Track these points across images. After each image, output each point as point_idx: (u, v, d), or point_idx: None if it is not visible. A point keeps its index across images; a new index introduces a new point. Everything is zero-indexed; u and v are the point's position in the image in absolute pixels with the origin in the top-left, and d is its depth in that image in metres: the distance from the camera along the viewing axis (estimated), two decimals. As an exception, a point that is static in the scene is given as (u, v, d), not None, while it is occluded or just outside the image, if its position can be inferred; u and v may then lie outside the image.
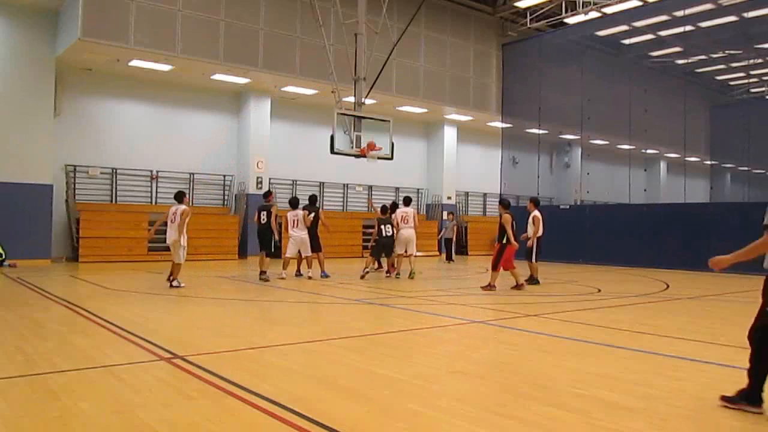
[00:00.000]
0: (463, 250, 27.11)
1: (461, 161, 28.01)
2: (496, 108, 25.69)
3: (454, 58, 24.83)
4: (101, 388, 4.74)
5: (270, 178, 22.26)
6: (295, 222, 14.28)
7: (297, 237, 14.26)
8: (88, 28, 16.32)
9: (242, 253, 21.31)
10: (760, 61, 29.37)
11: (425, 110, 24.98)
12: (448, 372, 5.45)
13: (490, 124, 26.92)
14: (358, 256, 23.36)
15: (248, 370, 5.31)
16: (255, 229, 14.93)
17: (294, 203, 14.90)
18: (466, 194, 29.20)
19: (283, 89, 21.42)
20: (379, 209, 16.13)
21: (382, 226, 14.52)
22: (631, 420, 4.08)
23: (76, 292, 11.65)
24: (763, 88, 33.95)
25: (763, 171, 39.23)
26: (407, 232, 14.62)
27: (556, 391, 4.79)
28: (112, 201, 19.80)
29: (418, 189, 27.49)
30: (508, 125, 25.85)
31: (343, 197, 25.21)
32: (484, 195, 29.69)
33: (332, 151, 16.22)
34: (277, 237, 14.36)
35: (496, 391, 4.88)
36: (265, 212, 14.31)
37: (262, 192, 21.60)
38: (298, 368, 5.50)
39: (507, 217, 12.01)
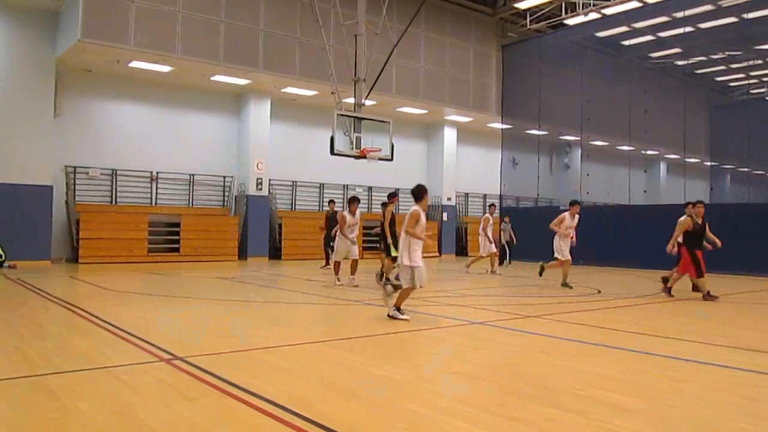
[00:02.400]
0: (462, 251, 27.13)
1: (461, 162, 28.02)
2: (496, 109, 25.69)
3: (453, 59, 24.84)
4: (101, 388, 4.74)
5: (270, 179, 22.26)
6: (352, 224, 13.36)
7: (350, 240, 13.27)
8: (88, 30, 16.32)
9: (242, 254, 21.31)
10: (759, 62, 29.38)
11: (425, 111, 24.99)
12: (448, 373, 5.45)
13: (489, 125, 26.92)
14: (359, 256, 23.31)
15: (248, 371, 5.31)
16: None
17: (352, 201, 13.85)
18: (466, 195, 29.20)
19: (283, 90, 21.43)
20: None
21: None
22: (630, 420, 4.07)
23: (76, 293, 11.64)
24: (763, 89, 33.96)
25: (764, 172, 39.23)
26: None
27: (555, 392, 4.79)
28: (112, 202, 19.80)
29: (417, 190, 27.48)
30: (508, 126, 25.85)
31: (344, 198, 25.21)
32: (484, 196, 29.67)
33: (332, 152, 16.23)
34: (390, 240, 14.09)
35: (496, 392, 4.87)
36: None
37: (261, 193, 21.70)
38: (298, 369, 5.49)
39: (687, 221, 11.38)
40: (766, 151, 35.18)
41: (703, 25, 24.16)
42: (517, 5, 24.36)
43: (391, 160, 17.46)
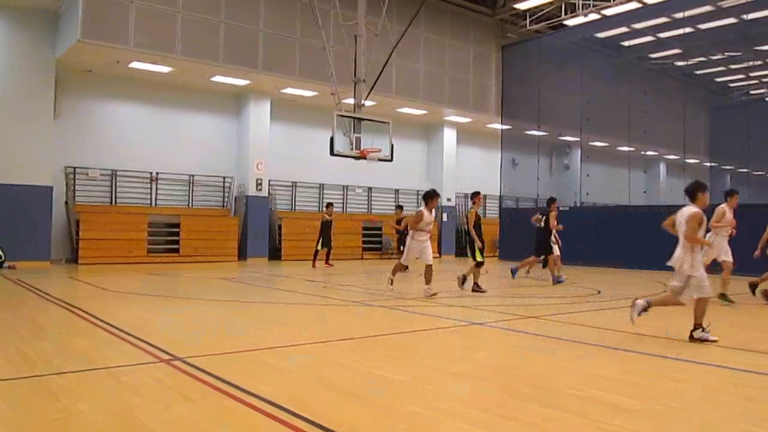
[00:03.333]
0: (462, 252, 27.12)
1: (461, 163, 28.03)
2: (496, 110, 25.70)
3: (453, 59, 24.85)
4: (101, 389, 4.74)
5: (270, 180, 22.26)
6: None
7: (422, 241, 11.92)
8: (88, 30, 16.33)
9: (242, 255, 21.31)
10: (759, 62, 29.40)
11: (425, 112, 25.00)
12: (448, 373, 5.45)
13: (489, 125, 26.93)
14: (359, 257, 23.35)
15: (247, 372, 5.31)
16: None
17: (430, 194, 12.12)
18: (466, 196, 29.17)
19: (282, 91, 21.44)
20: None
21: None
22: (630, 421, 4.07)
23: (76, 294, 11.64)
24: (763, 90, 33.99)
25: (763, 173, 39.25)
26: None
27: (555, 393, 4.78)
28: (111, 203, 19.81)
29: (417, 191, 27.48)
30: (508, 127, 25.86)
31: (343, 199, 25.21)
32: (484, 197, 29.66)
33: (332, 153, 16.24)
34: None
35: (496, 392, 4.87)
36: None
37: (260, 194, 21.71)
38: (298, 370, 5.49)
39: None
40: (766, 151, 35.20)
41: (702, 26, 24.17)
42: (516, 6, 24.38)
43: (391, 160, 17.47)
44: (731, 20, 23.50)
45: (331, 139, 16.14)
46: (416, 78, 23.54)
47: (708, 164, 38.08)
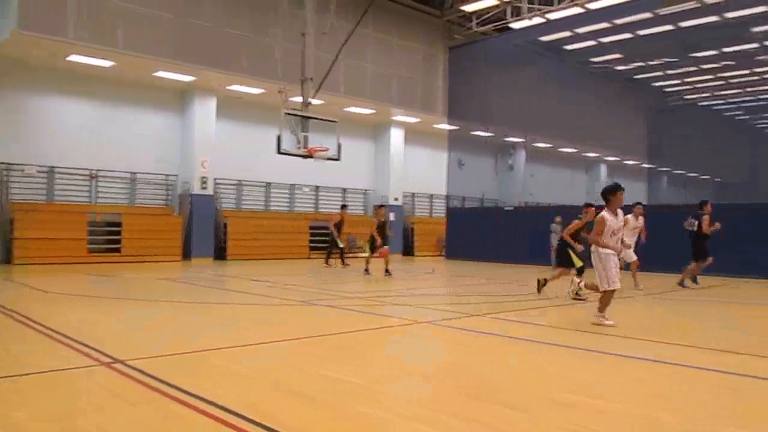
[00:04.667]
0: (409, 250, 27.28)
1: (408, 162, 28.15)
2: (443, 110, 25.92)
3: (401, 59, 24.94)
4: (37, 396, 4.55)
5: (215, 178, 21.87)
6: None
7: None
8: (24, 21, 15.68)
9: (186, 255, 20.86)
10: (694, 69, 30.54)
11: (372, 111, 25.02)
12: (398, 373, 5.45)
13: (436, 126, 27.15)
14: (305, 257, 23.19)
15: (194, 374, 5.19)
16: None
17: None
18: (413, 195, 29.36)
19: (228, 88, 21.07)
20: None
21: None
22: (581, 418, 4.15)
23: (9, 296, 11.17)
24: (697, 95, 35.36)
25: (697, 174, 40.84)
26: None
27: (506, 391, 4.84)
28: (49, 200, 19.09)
29: (365, 190, 27.51)
30: (455, 127, 26.13)
31: (290, 198, 25.00)
32: (431, 196, 29.91)
33: (279, 152, 16.09)
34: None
35: (446, 391, 4.90)
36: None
37: (205, 192, 21.32)
38: (246, 371, 5.40)
39: None
40: (700, 154, 36.64)
41: (642, 32, 24.96)
42: (463, 8, 24.62)
43: (339, 159, 17.42)
44: (668, 27, 24.31)
45: (278, 138, 15.98)
46: (364, 77, 23.52)
47: (646, 166, 39.42)
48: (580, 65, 29.61)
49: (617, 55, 28.92)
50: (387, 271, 15.40)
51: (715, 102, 36.58)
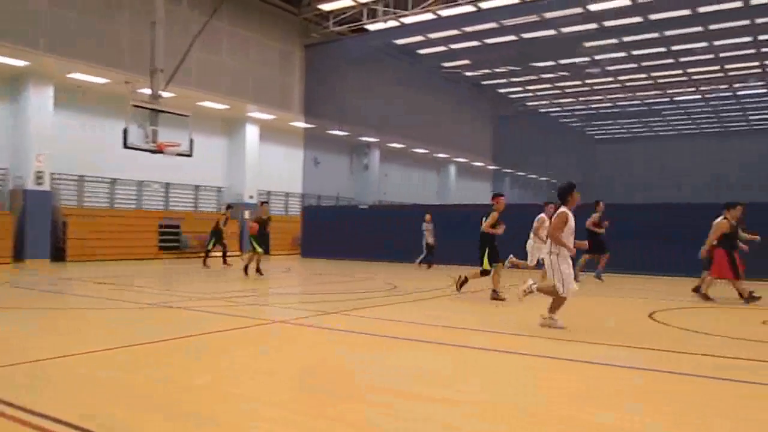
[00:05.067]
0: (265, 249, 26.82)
1: (264, 160, 27.70)
2: (299, 108, 25.83)
3: (257, 55, 24.52)
4: None
5: (52, 173, 20.20)
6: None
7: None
8: None
9: (18, 255, 19.12)
10: (534, 78, 32.80)
11: (227, 107, 24.38)
12: (250, 374, 5.37)
13: (293, 123, 26.99)
14: (152, 257, 22.12)
15: (27, 387, 4.79)
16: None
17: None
18: (268, 193, 28.97)
19: (69, 76, 19.55)
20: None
21: None
22: (434, 409, 4.32)
23: None
24: (537, 103, 38.03)
25: (537, 176, 43.91)
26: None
27: (359, 387, 4.92)
28: None
29: (219, 187, 26.75)
30: (311, 126, 26.14)
31: (138, 195, 23.74)
32: (286, 195, 29.68)
33: (125, 146, 15.24)
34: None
35: (299, 390, 4.90)
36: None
37: (41, 188, 19.69)
38: (87, 381, 5.07)
39: (724, 223, 10.80)
40: (540, 157, 39.45)
41: (489, 41, 26.40)
42: (320, 6, 24.67)
43: (191, 155, 16.81)
44: (512, 37, 25.91)
45: (125, 131, 15.13)
46: (219, 71, 22.87)
47: (492, 167, 41.76)
48: (433, 69, 30.75)
49: (466, 61, 30.38)
50: (258, 270, 15.26)
51: (552, 109, 39.57)
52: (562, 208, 7.75)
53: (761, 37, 24.81)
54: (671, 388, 5.06)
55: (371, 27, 24.56)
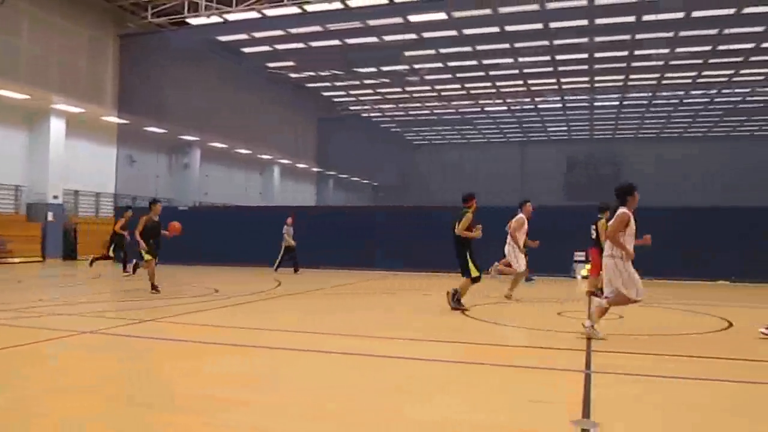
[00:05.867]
0: (72, 254, 24.74)
1: (71, 157, 25.48)
2: (113, 102, 24.19)
3: (64, 42, 22.60)
4: None
5: None
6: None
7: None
8: None
9: None
10: (357, 83, 33.61)
11: (27, 97, 22.17)
12: (50, 390, 4.93)
13: (105, 118, 25.18)
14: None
15: None
16: None
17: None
18: (76, 193, 26.80)
19: None
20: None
21: None
22: (247, 414, 4.26)
23: None
24: (360, 107, 39.03)
25: (359, 179, 45.01)
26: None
27: (173, 396, 4.73)
28: None
29: (17, 186, 24.20)
30: (126, 122, 24.60)
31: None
32: (97, 195, 27.64)
33: None
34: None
35: (107, 403, 4.58)
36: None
37: None
38: None
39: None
40: (361, 160, 40.49)
41: (314, 44, 26.60)
42: (136, -6, 23.36)
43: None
44: (336, 42, 26.33)
45: None
46: (17, 57, 20.76)
47: (315, 169, 42.14)
48: (257, 69, 30.34)
49: (291, 63, 30.35)
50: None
51: (374, 114, 40.80)
52: (623, 209, 7.22)
53: (558, 57, 27.49)
54: (475, 380, 5.45)
55: (193, 21, 23.66)
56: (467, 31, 24.68)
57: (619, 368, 5.76)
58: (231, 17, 23.24)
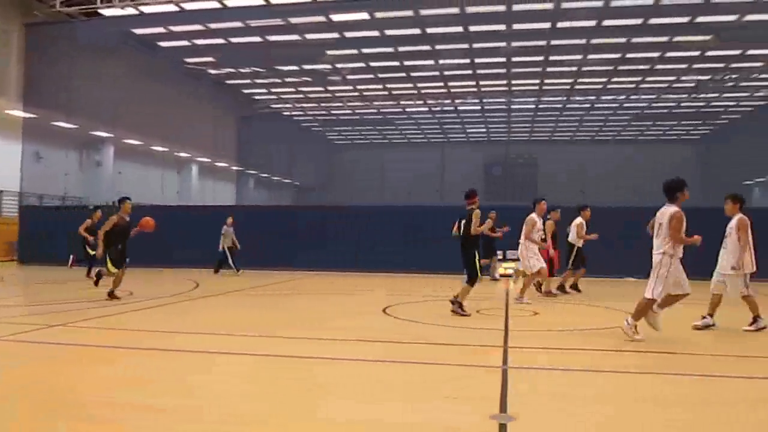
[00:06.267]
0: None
1: (-30, 152, 23.95)
2: (18, 95, 22.90)
3: (-38, 30, 21.22)
4: None
5: None
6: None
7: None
8: None
9: None
10: (279, 81, 33.24)
11: None
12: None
13: (9, 112, 23.81)
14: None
15: None
16: None
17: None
18: (-24, 192, 25.22)
19: None
20: None
21: None
22: (166, 418, 4.14)
23: None
24: (281, 105, 38.65)
25: (281, 178, 44.53)
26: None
27: (85, 404, 4.54)
28: None
29: None
30: (32, 116, 23.35)
31: None
32: (0, 193, 26.11)
33: None
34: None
35: (16, 413, 4.35)
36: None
37: None
38: None
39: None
40: (283, 159, 40.09)
41: (234, 40, 26.10)
42: (44, -17, 22.21)
43: None
44: (257, 39, 25.96)
45: None
46: None
47: (235, 168, 41.38)
48: (175, 64, 29.49)
49: (210, 59, 29.67)
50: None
51: (296, 113, 40.49)
52: (674, 207, 7.02)
53: (477, 60, 28.12)
54: (396, 378, 5.51)
55: (106, 12, 22.69)
56: (389, 32, 24.86)
57: (535, 363, 5.95)
58: (147, 9, 22.45)
